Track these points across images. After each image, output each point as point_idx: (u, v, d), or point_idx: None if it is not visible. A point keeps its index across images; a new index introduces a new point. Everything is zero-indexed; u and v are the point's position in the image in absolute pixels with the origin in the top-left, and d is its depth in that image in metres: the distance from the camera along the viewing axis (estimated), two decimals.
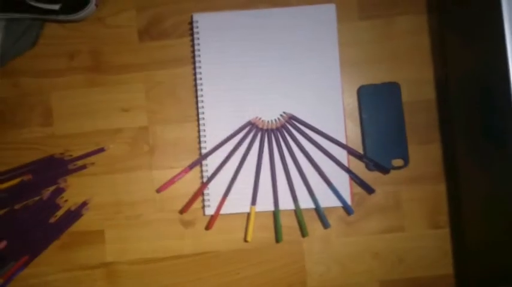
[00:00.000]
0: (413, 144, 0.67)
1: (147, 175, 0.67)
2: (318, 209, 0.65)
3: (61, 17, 0.65)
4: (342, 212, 0.66)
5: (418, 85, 0.67)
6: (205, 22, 0.67)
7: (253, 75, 0.67)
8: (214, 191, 0.65)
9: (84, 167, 0.66)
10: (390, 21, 0.68)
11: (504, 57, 0.49)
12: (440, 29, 0.67)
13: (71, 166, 0.66)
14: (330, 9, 0.67)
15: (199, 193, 0.65)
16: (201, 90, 0.66)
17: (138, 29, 0.68)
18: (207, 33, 0.67)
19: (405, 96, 0.67)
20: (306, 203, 0.65)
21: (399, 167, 0.66)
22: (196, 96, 0.67)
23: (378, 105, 0.67)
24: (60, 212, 0.66)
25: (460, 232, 0.66)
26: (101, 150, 0.67)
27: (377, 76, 0.68)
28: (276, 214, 0.65)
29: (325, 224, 0.65)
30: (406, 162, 0.66)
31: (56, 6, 0.64)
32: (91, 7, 0.65)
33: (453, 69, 0.65)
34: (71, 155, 0.67)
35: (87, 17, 0.67)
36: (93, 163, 0.67)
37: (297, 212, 0.65)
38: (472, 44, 0.58)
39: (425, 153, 0.67)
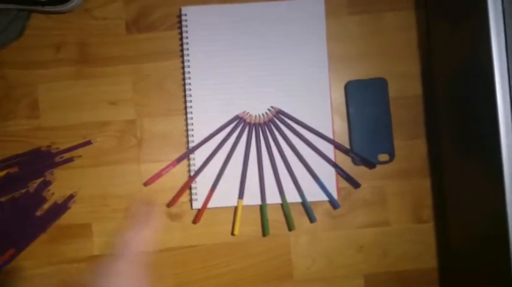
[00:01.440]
0: (399, 139, 0.67)
1: (135, 168, 0.67)
2: (304, 203, 0.66)
3: (47, 8, 0.65)
4: (328, 206, 0.67)
5: (405, 81, 0.68)
6: (193, 15, 0.67)
7: (242, 69, 0.67)
8: (201, 185, 0.66)
9: (71, 159, 0.66)
10: (379, 16, 0.68)
11: (488, 54, 0.50)
12: (428, 25, 0.68)
13: (57, 159, 0.66)
14: (319, 4, 0.67)
15: (187, 186, 0.66)
16: (189, 83, 0.66)
17: (126, 21, 0.68)
18: (195, 27, 0.67)
19: (392, 92, 0.67)
20: (292, 197, 0.66)
21: (385, 162, 0.67)
22: (184, 90, 0.67)
23: (365, 100, 0.67)
24: (46, 205, 0.66)
25: (444, 226, 0.67)
26: (88, 143, 0.67)
27: (365, 71, 0.68)
28: (263, 207, 0.65)
29: (312, 218, 0.66)
30: (392, 157, 0.67)
31: None
32: None
33: (439, 66, 0.65)
34: (57, 148, 0.66)
35: (74, 8, 0.66)
36: (80, 156, 0.67)
37: (284, 206, 0.66)
38: (458, 40, 0.58)
39: (411, 148, 0.68)
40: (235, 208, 0.66)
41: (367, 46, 0.68)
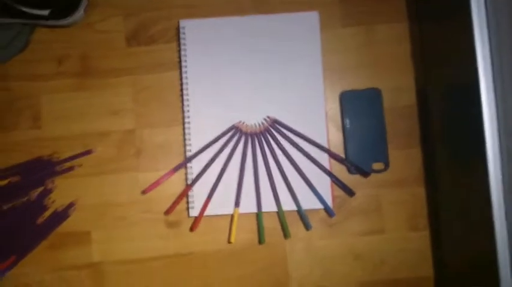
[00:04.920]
0: (394, 148, 0.68)
1: (133, 177, 0.68)
2: (300, 211, 0.67)
3: (50, 22, 0.67)
4: (323, 214, 0.68)
5: (399, 91, 0.69)
6: (191, 28, 0.69)
7: (238, 80, 0.68)
8: (198, 193, 0.67)
9: (71, 168, 0.68)
10: (372, 29, 0.70)
11: (474, 68, 0.51)
12: (421, 37, 0.69)
13: (58, 168, 0.67)
14: (314, 17, 0.69)
15: (184, 194, 0.67)
16: (187, 94, 0.68)
17: (126, 34, 0.70)
18: (193, 39, 0.68)
19: (386, 102, 0.69)
20: (288, 205, 0.67)
21: (380, 171, 0.68)
22: (182, 101, 0.68)
23: (360, 110, 0.68)
24: (47, 213, 0.67)
25: (439, 234, 0.68)
26: (89, 152, 0.68)
27: (359, 82, 0.69)
28: (259, 215, 0.66)
29: (307, 226, 0.67)
30: (387, 166, 0.68)
31: (46, 12, 0.65)
32: (80, 13, 0.67)
33: (432, 77, 0.66)
34: (58, 157, 0.68)
35: (75, 22, 0.68)
36: (80, 165, 0.68)
37: (280, 214, 0.67)
38: (448, 53, 0.60)
39: (405, 157, 0.68)
40: (232, 216, 0.67)
41: (361, 57, 0.70)
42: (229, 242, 0.67)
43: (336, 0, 0.70)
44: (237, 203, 0.66)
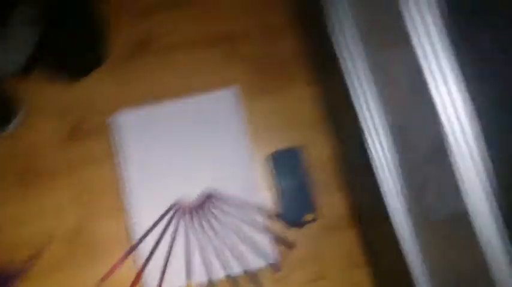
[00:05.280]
0: (323, 197, 0.75)
1: (87, 270, 0.71)
2: (248, 273, 0.72)
3: None
4: (270, 270, 0.73)
5: (319, 146, 0.77)
6: (123, 119, 0.74)
7: (173, 160, 0.74)
8: (151, 274, 0.71)
9: (24, 272, 0.70)
10: (288, 93, 0.78)
11: (358, 123, 0.59)
12: (325, 97, 0.78)
13: (11, 273, 0.70)
14: (235, 90, 0.76)
15: (138, 278, 0.71)
16: (127, 183, 0.73)
17: (61, 134, 0.74)
18: (126, 128, 0.74)
19: (311, 156, 0.76)
20: (237, 268, 0.72)
21: (313, 220, 0.74)
22: (123, 188, 0.73)
23: (287, 167, 0.75)
24: None
25: (378, 267, 0.74)
26: (40, 254, 0.71)
27: (284, 142, 0.77)
28: (211, 284, 0.71)
29: (258, 285, 0.72)
30: (317, 215, 0.74)
31: None
32: (16, 121, 0.72)
33: (339, 131, 0.75)
34: (9, 264, 0.71)
35: (14, 128, 0.72)
36: (33, 268, 0.71)
37: (230, 279, 0.71)
38: (340, 112, 0.68)
39: (335, 204, 0.75)
40: None
41: (283, 120, 0.78)
42: None
43: (253, 71, 0.78)
44: (188, 276, 0.71)
